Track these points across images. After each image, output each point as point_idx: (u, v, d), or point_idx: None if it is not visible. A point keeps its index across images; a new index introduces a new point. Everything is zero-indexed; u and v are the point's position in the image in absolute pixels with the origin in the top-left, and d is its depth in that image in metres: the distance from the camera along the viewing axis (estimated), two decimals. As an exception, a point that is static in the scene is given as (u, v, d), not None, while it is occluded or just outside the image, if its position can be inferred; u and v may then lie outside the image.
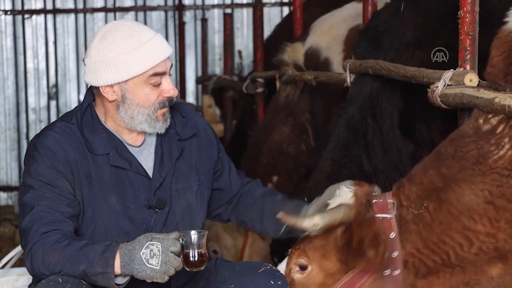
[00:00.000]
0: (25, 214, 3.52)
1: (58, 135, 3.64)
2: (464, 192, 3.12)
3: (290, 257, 3.44)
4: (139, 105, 3.63)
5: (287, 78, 6.16)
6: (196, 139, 3.85)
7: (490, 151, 3.11)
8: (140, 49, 3.59)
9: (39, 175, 3.57)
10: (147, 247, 3.33)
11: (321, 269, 3.32)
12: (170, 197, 3.72)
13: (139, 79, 3.60)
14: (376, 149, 4.53)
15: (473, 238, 3.12)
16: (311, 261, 3.34)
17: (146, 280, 3.35)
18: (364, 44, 4.80)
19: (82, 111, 3.71)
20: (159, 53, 3.61)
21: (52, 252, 3.42)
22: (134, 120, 3.65)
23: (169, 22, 11.83)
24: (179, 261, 3.35)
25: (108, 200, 3.63)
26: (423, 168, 3.27)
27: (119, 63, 3.59)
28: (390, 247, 3.19)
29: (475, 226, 3.11)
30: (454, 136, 3.28)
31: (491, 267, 3.15)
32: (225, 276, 3.63)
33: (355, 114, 4.65)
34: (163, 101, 3.64)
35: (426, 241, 3.17)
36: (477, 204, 3.10)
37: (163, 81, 3.63)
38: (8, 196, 11.57)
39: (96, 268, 3.35)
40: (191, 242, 3.38)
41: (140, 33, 3.63)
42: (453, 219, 3.13)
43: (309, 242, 3.36)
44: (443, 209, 3.14)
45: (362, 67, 4.79)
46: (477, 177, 3.11)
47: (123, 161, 3.66)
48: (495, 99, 3.11)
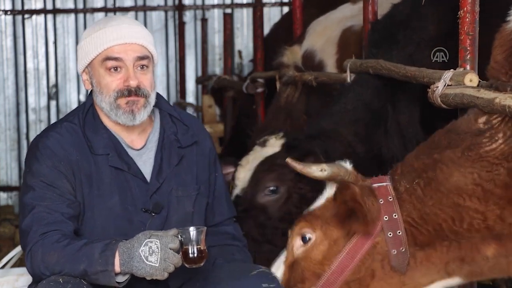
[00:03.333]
0: (25, 215, 3.52)
1: (60, 135, 3.65)
2: (452, 173, 3.22)
3: (291, 234, 3.47)
4: (101, 92, 3.65)
5: (287, 78, 6.16)
6: (196, 147, 3.84)
7: (483, 143, 3.19)
8: (98, 32, 3.63)
9: (40, 176, 3.57)
10: (145, 245, 3.32)
11: (325, 237, 3.38)
12: (169, 203, 3.71)
13: (96, 63, 3.63)
14: (394, 139, 4.51)
15: (464, 213, 3.22)
16: (315, 229, 3.39)
17: (146, 277, 3.35)
18: (377, 37, 4.77)
19: (85, 111, 3.72)
20: (115, 37, 3.60)
21: (52, 252, 3.42)
22: (103, 110, 3.66)
23: (169, 22, 11.83)
24: (178, 258, 3.34)
25: (107, 201, 3.63)
26: (415, 155, 3.39)
27: (82, 47, 3.67)
28: (390, 210, 3.30)
29: (464, 203, 3.21)
30: (450, 127, 3.35)
31: (485, 246, 3.25)
32: (221, 278, 3.64)
33: (374, 99, 4.61)
34: (122, 89, 3.61)
35: (420, 211, 3.28)
36: (465, 185, 3.21)
37: (125, 69, 3.61)
38: (8, 196, 11.57)
39: (96, 266, 3.35)
40: (190, 239, 3.38)
41: (109, 20, 3.67)
42: (442, 196, 3.24)
43: (309, 214, 3.43)
44: (432, 185, 3.26)
45: (362, 67, 4.79)
46: (466, 162, 3.20)
47: (122, 163, 3.66)
48: (495, 99, 3.11)
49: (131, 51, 3.61)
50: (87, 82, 3.71)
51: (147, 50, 3.66)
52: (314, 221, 3.40)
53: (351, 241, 3.33)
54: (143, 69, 3.63)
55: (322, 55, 6.11)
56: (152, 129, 3.77)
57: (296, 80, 6.08)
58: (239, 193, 4.60)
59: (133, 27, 3.66)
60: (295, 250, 3.45)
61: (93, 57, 3.63)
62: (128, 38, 3.61)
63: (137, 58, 3.61)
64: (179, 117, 3.83)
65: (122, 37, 3.60)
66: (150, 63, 3.67)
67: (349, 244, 3.33)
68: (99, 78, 3.63)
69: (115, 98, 3.61)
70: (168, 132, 3.77)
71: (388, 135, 4.58)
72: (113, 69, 3.61)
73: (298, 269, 3.43)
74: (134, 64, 3.61)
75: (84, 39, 3.68)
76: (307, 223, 3.41)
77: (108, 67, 3.60)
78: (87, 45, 3.65)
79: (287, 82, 6.20)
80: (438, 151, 3.28)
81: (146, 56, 3.65)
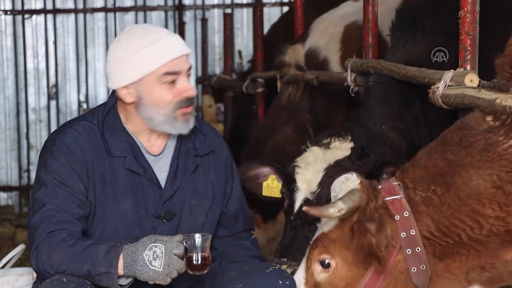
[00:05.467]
0: (36, 211, 3.53)
1: (78, 133, 3.64)
2: (471, 177, 3.13)
3: (308, 259, 3.38)
4: (156, 105, 3.60)
5: (289, 78, 6.17)
6: (213, 156, 3.82)
7: (499, 141, 3.12)
8: (149, 48, 3.57)
9: (54, 172, 3.57)
10: (150, 249, 3.32)
11: (345, 262, 3.28)
12: (181, 211, 3.70)
13: (151, 79, 3.58)
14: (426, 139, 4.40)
15: (483, 221, 3.13)
16: (333, 256, 3.29)
17: (148, 281, 3.35)
18: (401, 26, 4.70)
19: (106, 111, 3.70)
20: (169, 51, 3.57)
21: (58, 251, 3.42)
22: (153, 121, 3.63)
23: (169, 22, 11.83)
24: (182, 264, 3.34)
25: (120, 203, 3.63)
26: (427, 153, 3.28)
27: (129, 63, 3.58)
28: (407, 226, 3.19)
29: (484, 210, 3.12)
30: (460, 125, 3.29)
31: (505, 251, 3.18)
32: (232, 276, 3.63)
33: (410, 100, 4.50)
34: (181, 101, 3.61)
35: (438, 224, 3.18)
36: (485, 189, 3.11)
37: (179, 80, 3.60)
38: (8, 196, 11.57)
39: (100, 268, 3.35)
40: (195, 245, 3.37)
41: (152, 33, 3.63)
42: (462, 203, 3.14)
43: (325, 238, 3.32)
44: (451, 192, 3.15)
45: (363, 66, 4.79)
46: (485, 163, 3.12)
47: (138, 166, 3.65)
48: (496, 100, 3.11)
49: (184, 63, 3.61)
50: (129, 96, 3.62)
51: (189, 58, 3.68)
52: (331, 246, 3.28)
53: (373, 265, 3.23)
54: (189, 77, 3.66)
55: (326, 52, 6.10)
56: (170, 135, 3.76)
57: (297, 79, 6.09)
58: (310, 197, 4.35)
59: (178, 38, 3.65)
60: (316, 275, 3.34)
61: (148, 73, 3.57)
62: (181, 50, 3.60)
63: (189, 68, 3.63)
64: (197, 125, 3.81)
65: (175, 52, 3.58)
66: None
67: (371, 268, 3.24)
68: (153, 92, 3.59)
69: (173, 110, 3.60)
70: (186, 140, 3.76)
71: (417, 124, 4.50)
72: (170, 82, 3.59)
73: None
74: (186, 74, 3.63)
75: (133, 54, 3.57)
76: (325, 249, 3.29)
77: (167, 81, 3.58)
78: (138, 61, 3.57)
79: (288, 81, 6.21)
80: (452, 150, 3.20)
81: (191, 64, 3.67)
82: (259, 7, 8.21)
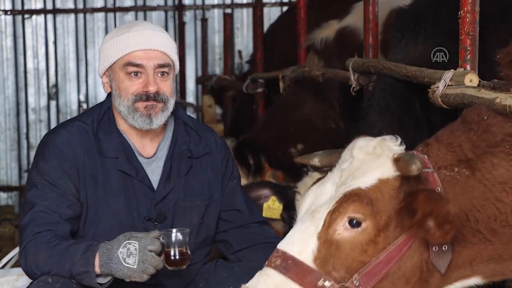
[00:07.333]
0: (26, 212, 3.55)
1: (70, 134, 3.66)
2: (495, 167, 3.02)
3: (336, 211, 2.99)
4: (119, 95, 3.64)
5: (296, 75, 6.18)
6: (209, 157, 3.82)
7: None
8: (119, 37, 3.62)
9: (45, 174, 3.58)
10: (124, 246, 3.31)
11: (377, 228, 2.98)
12: (174, 213, 3.69)
13: (117, 67, 3.63)
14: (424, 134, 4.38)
15: (503, 209, 3.01)
16: (367, 217, 2.96)
17: (125, 279, 3.34)
18: (402, 27, 4.68)
19: (102, 112, 3.72)
20: (134, 42, 3.59)
21: (42, 252, 3.44)
22: (122, 113, 3.65)
23: (169, 22, 11.83)
24: (158, 260, 3.32)
25: (112, 204, 3.63)
26: (450, 130, 3.13)
27: (104, 50, 3.67)
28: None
29: (508, 198, 3.00)
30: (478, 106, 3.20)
31: None
32: (224, 278, 3.63)
33: (411, 104, 4.49)
34: (140, 94, 3.61)
35: (461, 205, 3.02)
36: (509, 179, 3.00)
37: (144, 75, 3.60)
38: (8, 196, 11.56)
39: (79, 267, 3.36)
40: (172, 241, 3.35)
41: (133, 25, 3.67)
42: (486, 189, 3.01)
43: (363, 195, 2.98)
44: (476, 177, 3.01)
45: (364, 66, 4.79)
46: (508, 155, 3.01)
47: (130, 168, 3.65)
48: (496, 99, 3.11)
49: (153, 58, 3.60)
50: (106, 85, 3.71)
51: (169, 57, 3.65)
52: (367, 207, 2.96)
53: (403, 236, 2.97)
54: (164, 75, 3.64)
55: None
56: (164, 137, 3.75)
57: (305, 76, 6.10)
58: None
59: (156, 33, 3.65)
60: (337, 229, 2.98)
61: (114, 61, 3.63)
62: (150, 44, 3.60)
63: (158, 66, 3.61)
64: (194, 127, 3.81)
65: (144, 43, 3.60)
66: (171, 70, 3.66)
67: (401, 238, 2.97)
68: (118, 82, 3.63)
69: (133, 102, 3.61)
70: (180, 141, 3.76)
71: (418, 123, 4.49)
72: (133, 74, 3.60)
73: (340, 253, 3.00)
74: (154, 71, 3.60)
75: (107, 42, 3.67)
76: (362, 207, 2.96)
77: (129, 72, 3.60)
78: (109, 48, 3.64)
79: (295, 78, 6.23)
80: (472, 128, 3.07)
81: (167, 63, 3.64)
82: (259, 7, 8.23)
